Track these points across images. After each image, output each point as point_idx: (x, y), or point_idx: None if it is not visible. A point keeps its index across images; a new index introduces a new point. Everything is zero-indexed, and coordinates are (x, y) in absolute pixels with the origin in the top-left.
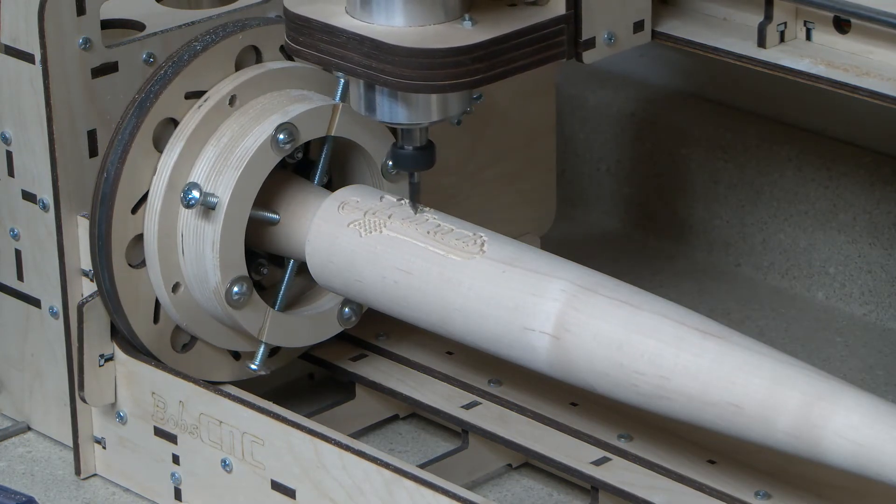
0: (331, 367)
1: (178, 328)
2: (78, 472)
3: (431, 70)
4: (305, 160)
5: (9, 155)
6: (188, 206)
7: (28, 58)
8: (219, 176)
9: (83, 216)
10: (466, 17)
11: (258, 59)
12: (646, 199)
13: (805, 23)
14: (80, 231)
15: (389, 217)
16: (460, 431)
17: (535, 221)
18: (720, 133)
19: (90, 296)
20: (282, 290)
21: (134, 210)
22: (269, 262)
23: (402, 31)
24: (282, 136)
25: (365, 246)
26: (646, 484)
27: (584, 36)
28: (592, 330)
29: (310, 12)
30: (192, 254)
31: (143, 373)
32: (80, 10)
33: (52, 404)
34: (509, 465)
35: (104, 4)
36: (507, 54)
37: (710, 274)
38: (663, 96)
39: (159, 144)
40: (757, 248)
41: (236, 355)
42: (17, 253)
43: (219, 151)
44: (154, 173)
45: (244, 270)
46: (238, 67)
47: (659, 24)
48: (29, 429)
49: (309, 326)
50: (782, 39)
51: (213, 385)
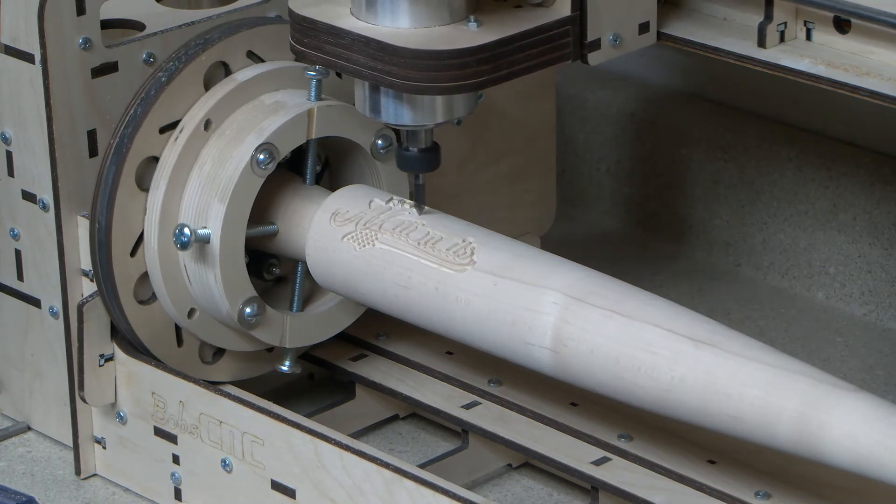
0: (331, 367)
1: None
2: (78, 472)
3: (437, 72)
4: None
5: (9, 155)
6: (183, 247)
7: (28, 58)
8: (207, 209)
9: (83, 216)
10: (472, 18)
11: (227, 73)
12: (646, 199)
13: (805, 23)
14: (80, 231)
15: (380, 227)
16: (460, 431)
17: (535, 221)
18: (720, 133)
19: (90, 296)
20: (296, 292)
21: (133, 253)
22: (280, 260)
23: (408, 33)
24: (262, 157)
25: (361, 261)
26: (646, 484)
27: (590, 37)
28: (588, 344)
29: (315, 14)
30: (198, 284)
31: (143, 373)
32: (80, 10)
33: (52, 404)
34: (509, 465)
35: (104, 4)
36: (513, 56)
37: (710, 274)
38: (663, 96)
39: (143, 183)
40: (757, 248)
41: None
42: (17, 253)
43: (202, 181)
44: (144, 212)
45: (252, 291)
46: (208, 86)
47: (660, 24)
48: (29, 429)
49: (326, 319)
50: (782, 39)
51: (213, 385)
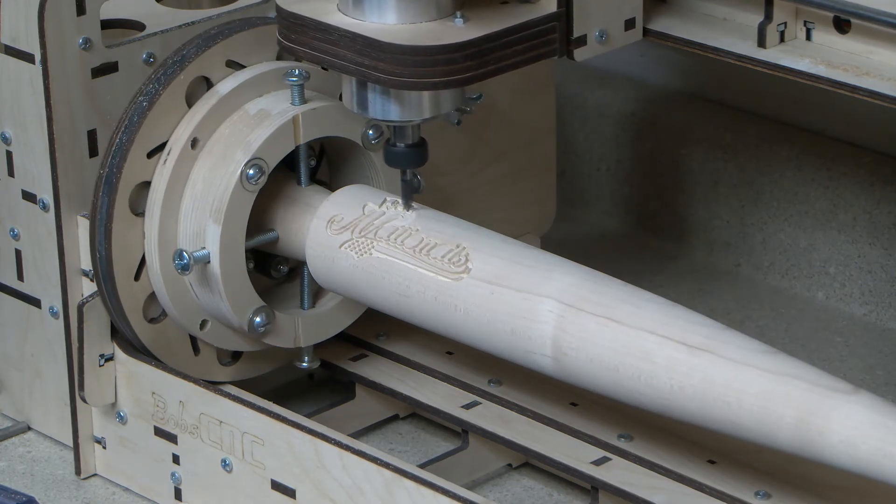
0: (331, 367)
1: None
2: (78, 472)
3: (423, 67)
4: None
5: (9, 155)
6: (184, 270)
7: (28, 58)
8: (203, 230)
9: (83, 216)
10: (458, 14)
11: (209, 85)
12: (646, 199)
13: (805, 23)
14: (80, 231)
15: (376, 235)
16: (460, 431)
17: (535, 221)
18: (720, 133)
19: (90, 296)
20: (305, 290)
21: (136, 277)
22: (287, 258)
23: (395, 29)
24: (251, 172)
25: (361, 270)
26: (646, 484)
27: (576, 33)
28: (587, 353)
29: (303, 10)
30: (206, 300)
31: (143, 373)
32: (80, 10)
33: (52, 404)
34: (509, 465)
35: (104, 4)
36: (499, 52)
37: (710, 274)
38: (663, 96)
39: (138, 208)
40: (757, 248)
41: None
42: (17, 253)
43: (195, 203)
44: (143, 236)
45: (259, 302)
46: (191, 101)
47: (657, 23)
48: (29, 429)
49: (337, 313)
50: (782, 39)
51: (213, 385)
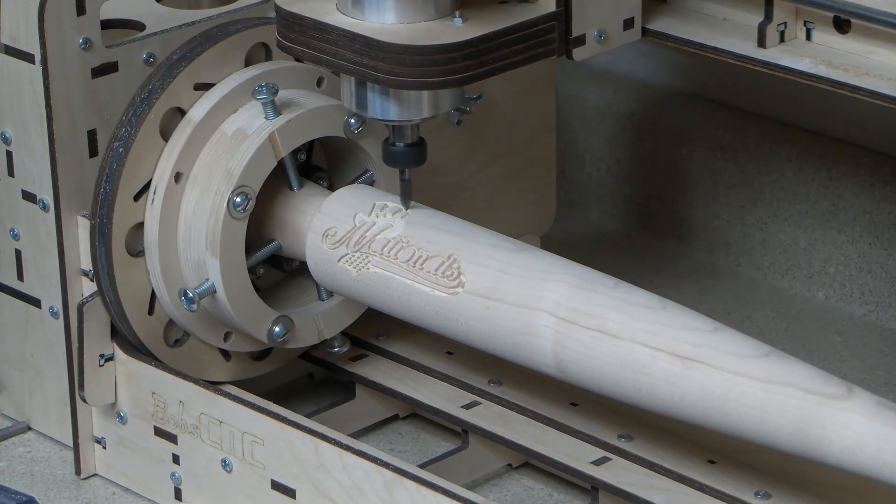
0: (331, 367)
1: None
2: (78, 472)
3: (422, 67)
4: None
5: (9, 155)
6: (190, 306)
7: (28, 58)
8: (202, 263)
9: (83, 216)
10: (457, 14)
11: (182, 113)
12: (646, 199)
13: (805, 23)
14: (80, 231)
15: (370, 248)
16: (460, 431)
17: (535, 221)
18: (720, 133)
19: (90, 296)
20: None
21: (150, 311)
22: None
23: (394, 29)
24: (238, 200)
25: (361, 285)
26: (646, 484)
27: (575, 33)
28: (587, 367)
29: (301, 10)
30: (224, 319)
31: (143, 373)
32: (80, 10)
33: (52, 404)
34: (509, 465)
35: (104, 4)
36: (498, 51)
37: (710, 274)
38: (663, 96)
39: (136, 248)
40: (757, 248)
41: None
42: (17, 253)
43: (190, 238)
44: (147, 272)
45: (273, 314)
46: (166, 134)
47: (657, 23)
48: (29, 429)
49: (352, 300)
50: (782, 39)
51: (213, 385)
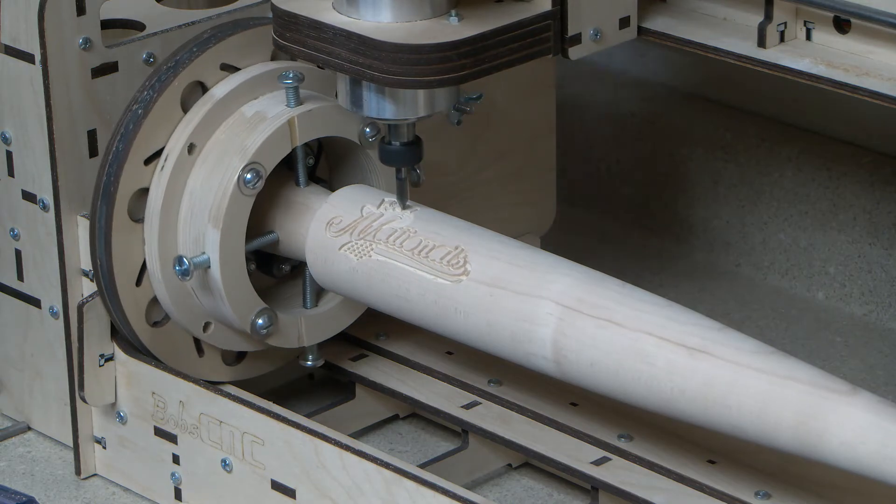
0: (331, 367)
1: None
2: (78, 472)
3: (418, 66)
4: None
5: (9, 155)
6: (184, 276)
7: (28, 58)
8: (202, 236)
9: (83, 216)
10: (453, 13)
11: (204, 89)
12: (646, 199)
13: (805, 23)
14: (80, 231)
15: (374, 237)
16: (460, 431)
17: (535, 221)
18: (720, 133)
19: (90, 296)
20: (307, 289)
21: (138, 282)
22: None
23: (389, 27)
24: (248, 177)
25: (361, 273)
26: (646, 484)
27: (570, 32)
28: (587, 357)
29: (297, 8)
30: (208, 303)
31: (143, 373)
32: (80, 10)
33: (52, 404)
34: (509, 465)
35: (104, 4)
36: (494, 50)
37: (710, 274)
38: (663, 96)
39: (137, 215)
40: (757, 248)
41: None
42: (17, 253)
43: (193, 209)
44: (143, 242)
45: (261, 304)
46: (186, 107)
47: (658, 23)
48: (29, 429)
49: (339, 311)
50: (782, 39)
51: (213, 385)
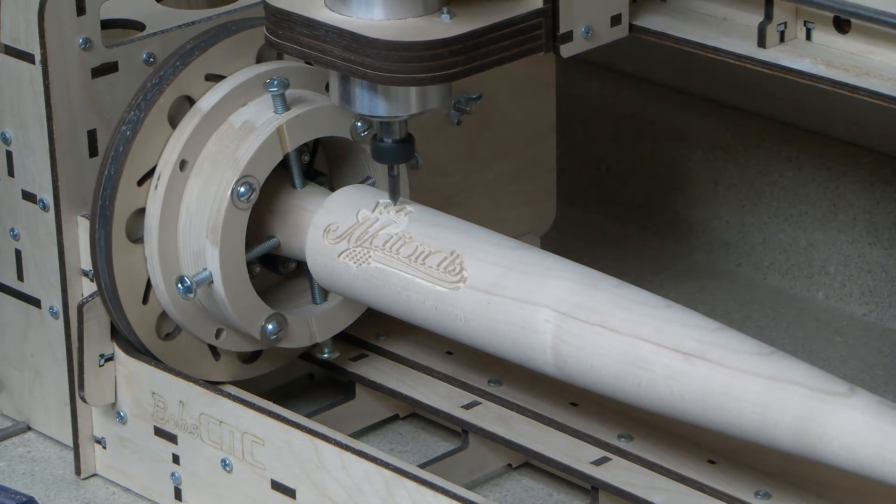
0: (331, 367)
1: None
2: (78, 472)
3: (410, 63)
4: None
5: (9, 155)
6: (187, 293)
7: (28, 58)
8: (202, 252)
9: (83, 216)
10: (444, 10)
11: (191, 102)
12: (646, 199)
13: (805, 23)
14: (80, 231)
15: (371, 244)
16: (460, 431)
17: (535, 221)
18: (720, 133)
19: (90, 296)
20: (314, 286)
21: (145, 300)
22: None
23: (381, 25)
24: (242, 190)
25: (361, 280)
26: (646, 484)
27: (562, 29)
28: (587, 362)
29: (289, 5)
30: (216, 313)
31: (143, 373)
32: (80, 10)
33: (52, 404)
34: (509, 465)
35: (104, 4)
36: (485, 47)
37: (710, 274)
38: (663, 96)
39: (136, 234)
40: (757, 248)
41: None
42: (17, 253)
43: (191, 225)
44: (145, 260)
45: (268, 310)
46: (174, 122)
47: (658, 23)
48: (29, 429)
49: (349, 303)
50: (782, 39)
51: (213, 385)
